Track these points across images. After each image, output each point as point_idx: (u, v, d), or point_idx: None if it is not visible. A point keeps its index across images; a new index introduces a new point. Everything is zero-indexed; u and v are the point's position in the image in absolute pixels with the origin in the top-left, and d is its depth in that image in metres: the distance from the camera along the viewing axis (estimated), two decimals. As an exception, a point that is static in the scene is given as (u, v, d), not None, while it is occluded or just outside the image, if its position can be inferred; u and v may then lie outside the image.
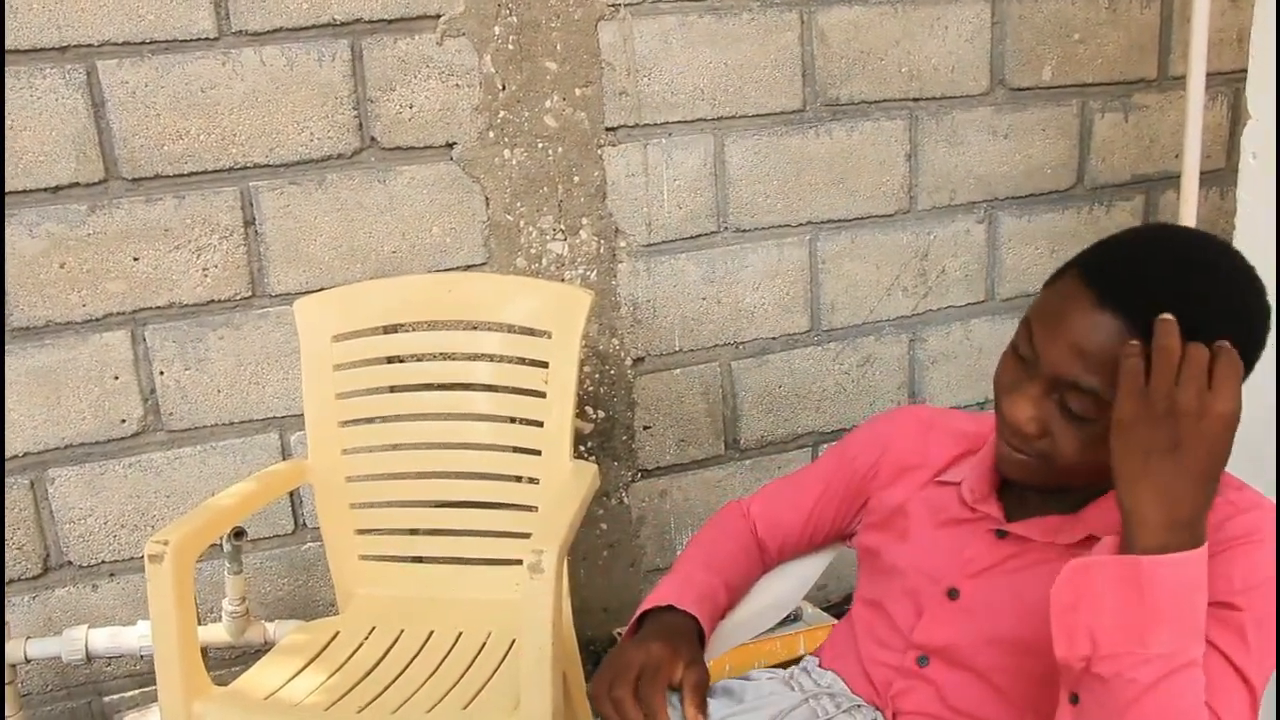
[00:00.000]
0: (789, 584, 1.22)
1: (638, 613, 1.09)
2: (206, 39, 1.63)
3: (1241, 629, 0.81)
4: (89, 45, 1.58)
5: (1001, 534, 0.97)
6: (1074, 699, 0.79)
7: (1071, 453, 0.88)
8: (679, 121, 1.86)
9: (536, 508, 1.60)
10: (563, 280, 1.86)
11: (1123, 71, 2.11)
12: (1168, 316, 0.78)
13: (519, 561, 1.27)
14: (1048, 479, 0.92)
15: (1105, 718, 0.76)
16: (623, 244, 1.88)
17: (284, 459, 1.81)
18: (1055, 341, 0.86)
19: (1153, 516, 0.77)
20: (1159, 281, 0.84)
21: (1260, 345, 0.87)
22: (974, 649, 0.94)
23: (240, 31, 1.64)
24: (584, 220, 1.85)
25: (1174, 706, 0.75)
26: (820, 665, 1.08)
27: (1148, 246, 0.89)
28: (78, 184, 1.63)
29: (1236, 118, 2.20)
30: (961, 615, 0.96)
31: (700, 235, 1.92)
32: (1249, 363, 0.85)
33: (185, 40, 1.63)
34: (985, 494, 1.00)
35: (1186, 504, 0.77)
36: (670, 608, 1.06)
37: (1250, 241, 1.50)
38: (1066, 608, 0.78)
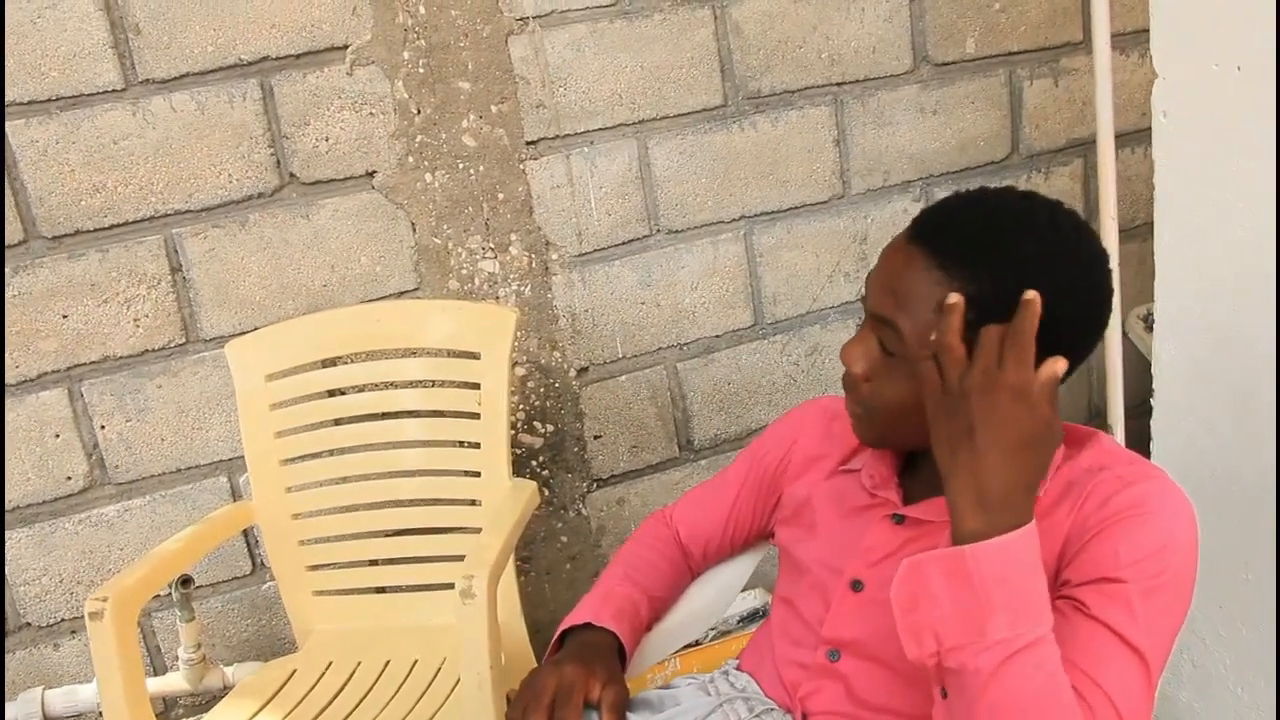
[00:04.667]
0: (717, 589, 1.22)
1: (557, 632, 1.09)
2: (114, 91, 1.63)
3: (1128, 601, 0.81)
4: (-7, 108, 1.59)
5: (898, 519, 0.97)
6: (944, 693, 0.79)
7: (891, 396, 0.91)
8: (600, 129, 1.86)
9: (481, 529, 1.59)
10: (497, 298, 1.85)
11: (1047, 37, 2.10)
12: (954, 299, 0.81)
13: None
14: (886, 434, 0.95)
15: (966, 707, 0.76)
16: (554, 256, 1.87)
17: (234, 500, 1.81)
18: (874, 284, 0.92)
19: (963, 502, 0.78)
20: (963, 218, 0.89)
21: (1091, 303, 0.88)
22: (881, 640, 0.94)
23: (147, 80, 1.64)
24: (513, 236, 1.85)
25: (1024, 687, 0.74)
26: (739, 668, 1.08)
27: (964, 196, 0.94)
28: (-3, 247, 1.63)
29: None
30: (866, 606, 0.96)
31: (633, 240, 1.92)
32: (1076, 326, 0.85)
33: (92, 94, 1.62)
34: (885, 479, 1.00)
35: (992, 482, 0.77)
36: (588, 625, 1.06)
37: (1169, 201, 1.49)
38: (906, 608, 0.78)
